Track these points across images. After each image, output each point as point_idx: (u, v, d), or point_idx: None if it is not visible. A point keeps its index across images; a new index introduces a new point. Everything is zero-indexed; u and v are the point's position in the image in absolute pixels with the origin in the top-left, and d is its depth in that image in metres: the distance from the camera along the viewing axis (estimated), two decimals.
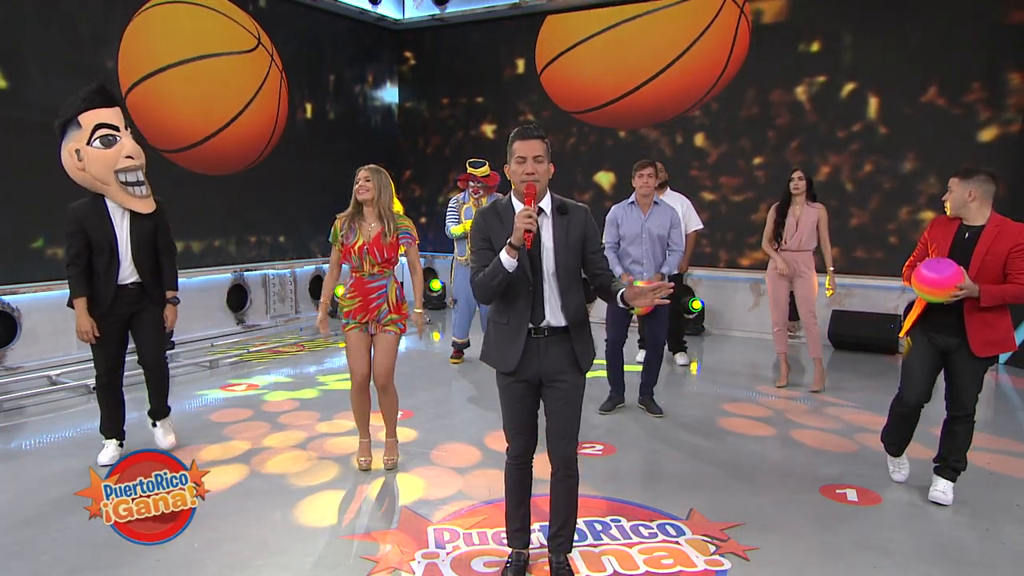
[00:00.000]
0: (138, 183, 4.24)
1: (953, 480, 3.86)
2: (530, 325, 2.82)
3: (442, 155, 10.49)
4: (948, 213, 3.75)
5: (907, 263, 3.94)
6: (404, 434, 4.70)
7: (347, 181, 4.16)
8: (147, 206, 4.28)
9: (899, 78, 7.52)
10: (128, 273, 4.27)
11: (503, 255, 2.68)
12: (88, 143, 4.13)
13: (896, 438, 4.05)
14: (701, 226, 6.71)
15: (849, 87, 7.80)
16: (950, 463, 3.85)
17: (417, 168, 10.75)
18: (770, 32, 8.14)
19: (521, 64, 9.75)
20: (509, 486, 3.00)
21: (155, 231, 4.34)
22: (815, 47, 7.96)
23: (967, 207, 3.66)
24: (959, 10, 7.24)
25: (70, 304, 4.28)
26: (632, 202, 5.21)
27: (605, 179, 9.21)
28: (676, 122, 8.76)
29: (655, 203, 5.19)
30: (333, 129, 9.70)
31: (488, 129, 10.10)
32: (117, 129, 4.21)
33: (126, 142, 4.21)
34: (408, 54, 10.66)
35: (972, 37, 7.20)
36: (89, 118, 4.13)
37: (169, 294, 4.44)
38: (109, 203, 4.22)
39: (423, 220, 10.56)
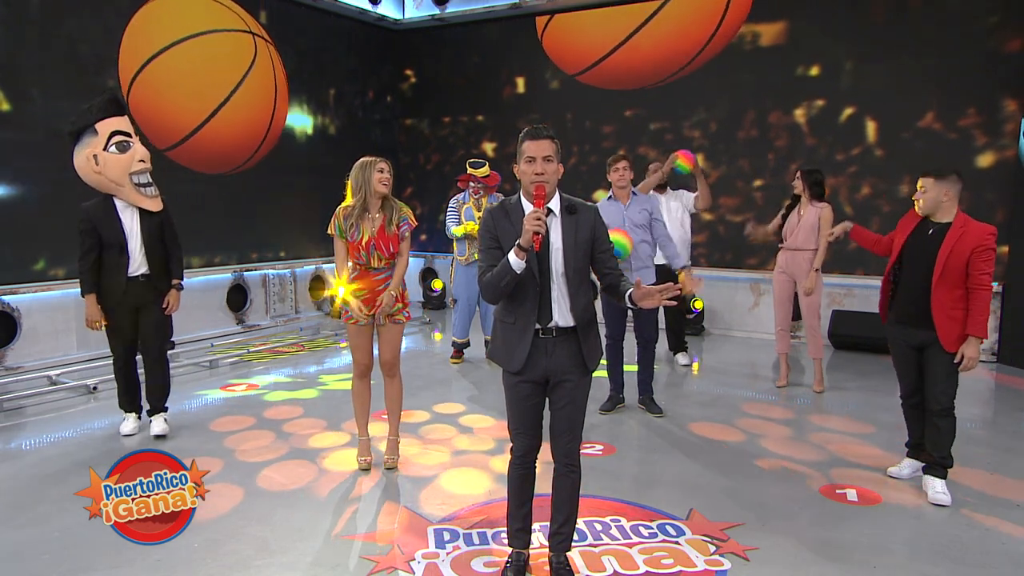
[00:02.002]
0: (148, 184, 4.69)
1: (945, 477, 3.87)
2: (537, 325, 2.82)
3: (442, 172, 10.50)
4: (920, 211, 3.84)
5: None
6: (404, 434, 4.69)
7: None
8: (156, 205, 4.71)
9: (897, 103, 7.56)
10: (137, 266, 4.65)
11: (511, 256, 2.68)
12: (104, 148, 4.58)
13: (911, 433, 4.12)
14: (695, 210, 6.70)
15: (848, 111, 7.83)
16: (937, 460, 3.87)
17: (418, 184, 10.77)
18: (769, 55, 8.18)
19: (521, 83, 9.78)
20: (512, 486, 3.01)
21: (162, 226, 4.74)
22: (814, 71, 8.00)
23: (941, 206, 3.77)
24: (957, 38, 7.27)
25: (83, 294, 4.66)
26: (610, 196, 5.25)
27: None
28: (674, 143, 8.80)
29: (633, 194, 5.23)
30: (332, 144, 9.69)
31: (488, 147, 10.12)
32: (130, 136, 4.69)
33: (138, 148, 4.68)
34: (409, 72, 10.66)
35: (969, 64, 7.23)
36: (105, 126, 4.61)
37: (174, 281, 4.81)
38: (117, 203, 4.63)
39: (423, 237, 10.58)
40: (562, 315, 2.83)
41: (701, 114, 8.64)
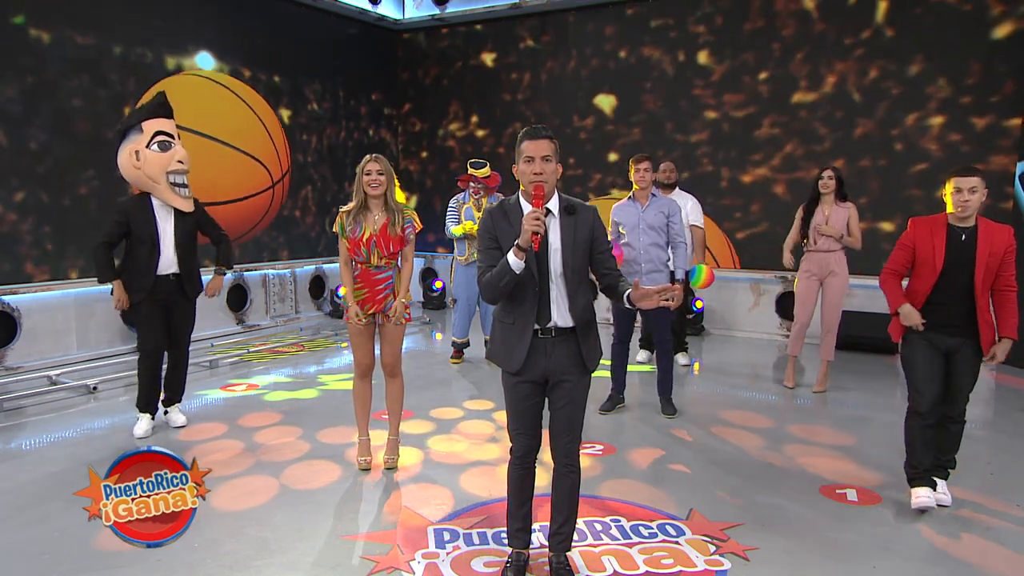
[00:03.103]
0: (184, 185, 4.83)
1: (947, 478, 3.87)
2: (536, 325, 2.82)
3: (441, 174, 10.48)
4: (963, 214, 3.61)
5: (887, 268, 3.83)
6: (404, 434, 4.69)
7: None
8: (188, 205, 4.83)
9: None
10: (168, 264, 4.74)
11: (510, 256, 2.68)
12: (147, 146, 4.72)
13: (923, 458, 3.72)
14: (701, 223, 6.65)
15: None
16: (942, 463, 3.85)
17: (418, 187, 10.74)
18: None
19: (521, 84, 9.75)
20: (512, 486, 3.01)
21: (197, 227, 4.89)
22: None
23: (976, 209, 3.62)
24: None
25: (101, 281, 4.76)
26: (631, 196, 5.24)
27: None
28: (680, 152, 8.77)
29: (653, 195, 5.21)
30: (332, 144, 9.68)
31: (488, 149, 10.07)
32: (173, 137, 4.84)
33: (179, 149, 4.83)
34: (408, 72, 10.62)
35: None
36: (151, 125, 4.77)
37: (221, 268, 5.06)
38: (154, 201, 4.75)
39: (432, 237, 10.56)
40: (561, 315, 2.83)
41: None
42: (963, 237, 3.65)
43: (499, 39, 9.83)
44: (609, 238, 5.30)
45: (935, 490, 3.78)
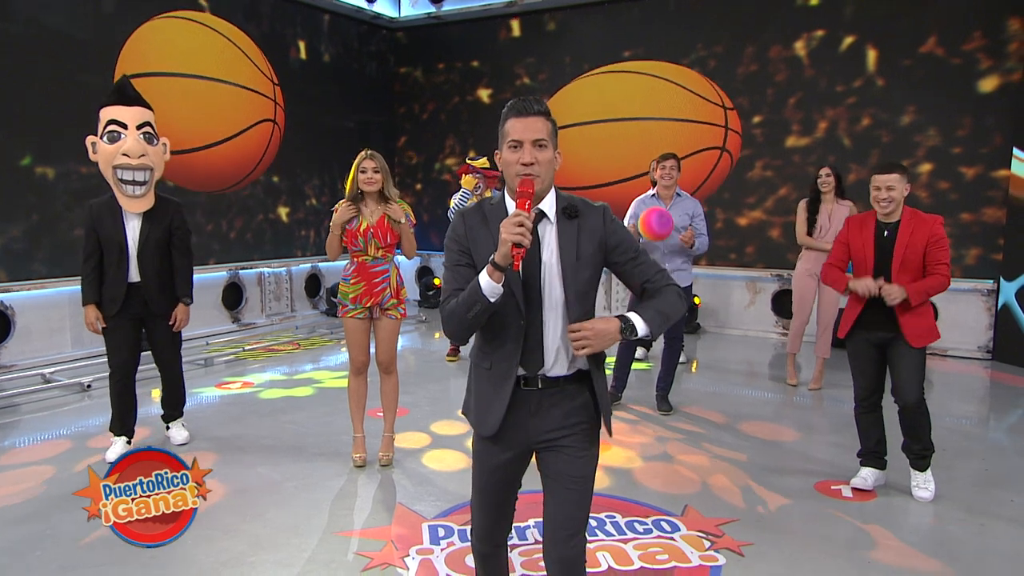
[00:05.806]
0: (133, 182, 4.22)
1: (925, 469, 3.86)
2: (521, 372, 2.07)
3: (440, 174, 10.47)
4: (885, 212, 3.74)
5: (826, 263, 4.00)
6: (399, 431, 4.68)
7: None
8: (136, 206, 4.24)
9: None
10: (133, 272, 4.26)
11: (483, 278, 1.93)
12: (100, 137, 4.26)
13: (865, 441, 4.00)
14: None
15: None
16: (916, 452, 3.84)
17: (416, 186, 10.76)
18: None
19: (519, 82, 9.72)
20: None
21: (169, 233, 4.34)
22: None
23: (900, 204, 3.73)
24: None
25: (83, 303, 4.30)
26: (653, 194, 5.18)
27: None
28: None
29: (677, 195, 5.14)
30: (328, 142, 9.63)
31: (487, 148, 10.08)
32: (125, 127, 4.24)
33: (128, 140, 4.21)
34: (404, 70, 10.61)
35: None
36: (105, 113, 4.26)
37: (182, 299, 4.42)
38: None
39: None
40: (557, 360, 2.06)
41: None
42: (886, 233, 3.77)
43: (495, 76, 9.85)
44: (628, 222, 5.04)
45: (877, 469, 3.98)
